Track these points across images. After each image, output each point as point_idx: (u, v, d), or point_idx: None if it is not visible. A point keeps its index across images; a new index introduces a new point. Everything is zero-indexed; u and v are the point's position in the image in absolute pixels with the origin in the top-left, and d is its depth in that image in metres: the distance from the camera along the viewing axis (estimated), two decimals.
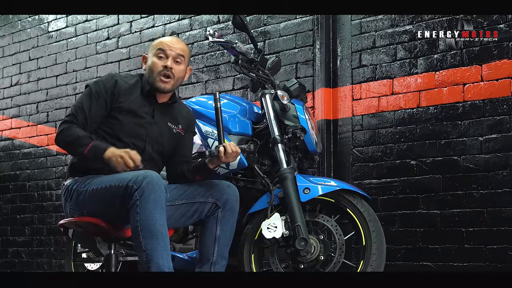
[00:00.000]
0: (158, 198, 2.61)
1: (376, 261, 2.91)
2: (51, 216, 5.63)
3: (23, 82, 6.06)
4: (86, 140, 2.76)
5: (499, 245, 3.50)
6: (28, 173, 5.90)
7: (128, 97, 2.90)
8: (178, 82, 2.96)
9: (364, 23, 4.07)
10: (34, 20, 6.01)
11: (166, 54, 2.90)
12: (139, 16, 5.22)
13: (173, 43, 2.92)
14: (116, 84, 2.90)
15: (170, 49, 2.90)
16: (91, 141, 2.75)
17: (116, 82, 2.90)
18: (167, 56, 2.90)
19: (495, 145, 3.56)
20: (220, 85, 4.68)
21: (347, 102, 4.09)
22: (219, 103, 2.82)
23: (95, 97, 2.86)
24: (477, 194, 3.59)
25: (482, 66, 3.62)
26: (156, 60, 2.90)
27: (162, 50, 2.90)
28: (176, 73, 2.91)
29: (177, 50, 2.91)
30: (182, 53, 2.92)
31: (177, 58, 2.91)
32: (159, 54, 2.90)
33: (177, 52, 2.91)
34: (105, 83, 2.90)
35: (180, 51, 2.91)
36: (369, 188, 3.93)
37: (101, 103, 2.86)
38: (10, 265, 5.89)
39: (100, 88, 2.87)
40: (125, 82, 2.94)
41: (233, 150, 2.80)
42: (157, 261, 2.59)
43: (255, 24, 4.52)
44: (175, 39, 2.99)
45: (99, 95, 2.86)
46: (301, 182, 3.00)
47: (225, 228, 2.92)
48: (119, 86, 2.90)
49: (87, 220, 2.80)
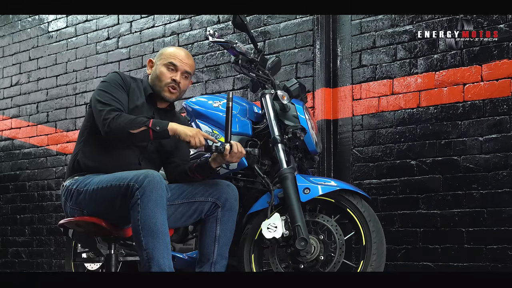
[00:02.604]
0: (159, 197, 2.62)
1: (376, 261, 2.91)
2: (51, 216, 5.63)
3: (23, 82, 6.06)
4: (144, 118, 2.81)
5: (499, 245, 3.51)
6: (28, 173, 5.90)
7: (132, 96, 2.96)
8: (181, 94, 3.07)
9: (364, 23, 4.07)
10: (34, 20, 6.01)
11: (176, 68, 3.00)
12: (139, 16, 5.23)
13: (184, 58, 3.02)
14: (125, 82, 2.97)
15: (181, 64, 3.00)
16: (149, 119, 2.80)
17: (125, 79, 2.98)
18: (176, 69, 3.00)
19: (495, 145, 3.56)
20: (220, 85, 4.68)
21: (347, 102, 4.09)
22: (231, 103, 2.84)
23: (118, 88, 2.92)
24: (477, 194, 3.59)
25: (482, 66, 3.62)
26: (165, 71, 2.99)
27: (173, 65, 2.99)
28: (182, 87, 3.03)
29: (186, 66, 3.02)
30: (190, 70, 3.04)
31: (185, 74, 3.02)
32: (169, 66, 3.00)
33: (185, 69, 3.01)
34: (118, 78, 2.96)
35: (188, 68, 3.03)
36: (369, 188, 3.93)
37: (124, 93, 2.94)
38: (10, 265, 5.89)
39: (118, 81, 2.94)
40: (131, 82, 3.01)
41: (239, 150, 2.83)
42: (158, 260, 2.60)
43: (255, 24, 4.52)
44: (186, 54, 3.06)
45: (120, 86, 2.94)
46: (301, 182, 3.00)
47: (225, 227, 2.93)
48: (128, 83, 2.98)
49: (87, 220, 2.80)
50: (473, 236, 3.59)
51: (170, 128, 2.77)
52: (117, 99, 2.87)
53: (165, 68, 2.99)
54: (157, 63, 3.03)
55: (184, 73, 3.01)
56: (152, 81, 3.03)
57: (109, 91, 2.89)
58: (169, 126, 2.77)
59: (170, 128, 2.77)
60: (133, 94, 2.97)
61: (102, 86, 2.92)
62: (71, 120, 5.60)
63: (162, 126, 2.77)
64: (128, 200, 2.64)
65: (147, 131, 2.75)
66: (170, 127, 2.77)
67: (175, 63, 2.99)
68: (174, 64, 2.99)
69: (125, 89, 2.94)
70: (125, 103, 2.91)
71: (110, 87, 2.91)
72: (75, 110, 5.59)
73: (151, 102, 3.03)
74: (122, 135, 2.78)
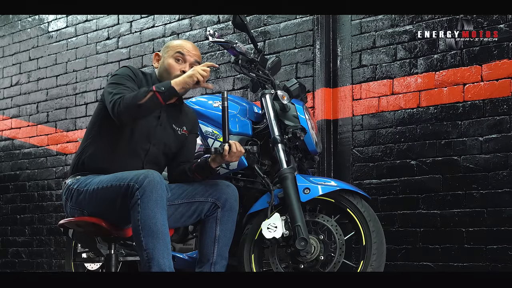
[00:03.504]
0: (159, 197, 2.62)
1: (376, 261, 2.91)
2: (51, 216, 5.63)
3: (23, 82, 6.06)
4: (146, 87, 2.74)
5: (499, 245, 3.51)
6: (28, 173, 5.90)
7: None
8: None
9: (364, 23, 4.07)
10: (34, 20, 6.01)
11: (184, 59, 2.94)
12: (139, 16, 5.23)
13: (191, 49, 2.96)
14: (137, 75, 2.91)
15: (189, 55, 2.95)
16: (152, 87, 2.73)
17: (136, 73, 2.92)
18: (185, 60, 2.94)
19: (495, 145, 3.56)
20: (220, 85, 4.68)
21: (347, 102, 4.09)
22: (226, 102, 2.83)
23: (129, 79, 2.86)
24: (477, 194, 3.59)
25: (482, 66, 3.62)
26: (174, 62, 2.94)
27: (181, 54, 2.93)
28: None
29: (195, 56, 2.96)
30: (198, 60, 2.98)
31: (193, 64, 2.95)
32: (177, 57, 2.94)
33: (194, 59, 2.96)
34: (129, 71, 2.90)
35: (197, 58, 2.98)
36: (369, 188, 3.93)
37: (134, 85, 2.87)
38: (10, 265, 5.89)
39: (129, 74, 2.89)
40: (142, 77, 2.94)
41: (238, 149, 2.82)
42: (158, 260, 2.59)
43: (255, 24, 4.52)
44: (193, 45, 3.01)
45: (131, 78, 2.88)
46: (301, 182, 3.00)
47: (224, 228, 2.93)
48: (139, 78, 2.92)
49: (87, 220, 2.80)
50: (473, 236, 3.59)
51: (174, 83, 2.72)
52: (128, 87, 2.81)
53: (173, 60, 2.94)
54: (164, 56, 2.98)
55: (193, 63, 2.94)
56: (160, 75, 2.97)
57: (120, 82, 2.84)
58: (172, 82, 2.72)
59: (173, 83, 2.72)
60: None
61: (113, 79, 2.87)
62: (71, 120, 5.60)
63: (166, 85, 2.72)
64: (128, 200, 2.64)
65: (154, 95, 2.69)
66: (173, 83, 2.72)
67: (183, 52, 2.93)
68: (182, 54, 2.93)
69: (136, 82, 2.89)
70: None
71: (120, 79, 2.85)
72: (75, 110, 5.59)
73: None
74: (132, 110, 2.71)
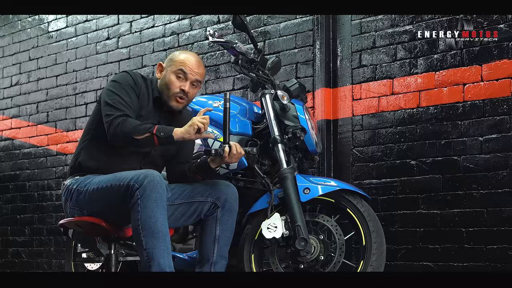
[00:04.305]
0: (159, 197, 2.62)
1: (376, 261, 2.91)
2: (51, 216, 5.62)
3: (23, 82, 6.06)
4: (149, 124, 2.76)
5: (499, 245, 3.50)
6: (28, 173, 5.89)
7: (142, 102, 2.92)
8: (189, 102, 3.02)
9: (364, 23, 4.07)
10: (34, 20, 6.01)
11: (186, 77, 2.92)
12: (139, 16, 5.22)
13: (194, 67, 2.93)
14: (137, 84, 2.91)
15: (191, 73, 2.92)
16: (154, 125, 2.76)
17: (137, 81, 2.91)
18: (186, 78, 2.92)
19: (495, 145, 3.55)
20: (220, 85, 4.68)
21: (347, 102, 4.09)
22: (228, 104, 2.82)
23: (130, 90, 2.86)
24: (477, 194, 3.59)
25: (482, 66, 3.62)
26: (175, 79, 2.92)
27: (183, 72, 2.91)
28: (190, 96, 2.96)
29: (197, 75, 2.94)
30: (200, 79, 2.96)
31: (194, 82, 2.94)
32: (178, 74, 2.92)
33: (196, 78, 2.94)
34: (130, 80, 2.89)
35: (199, 77, 2.95)
36: (369, 188, 3.93)
37: (134, 96, 2.87)
38: (10, 265, 5.88)
39: (130, 83, 2.88)
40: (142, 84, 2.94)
41: (238, 151, 2.82)
42: (158, 260, 2.60)
43: (255, 24, 4.52)
44: (197, 61, 2.97)
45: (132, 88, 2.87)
46: (301, 182, 3.01)
47: (224, 228, 2.93)
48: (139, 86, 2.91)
49: (87, 220, 2.80)
50: (473, 236, 3.59)
51: (175, 134, 2.74)
52: (127, 103, 2.81)
53: (175, 76, 2.91)
54: (167, 69, 2.95)
55: (193, 82, 2.94)
56: (160, 87, 2.96)
57: (120, 93, 2.83)
58: (174, 132, 2.74)
59: (174, 133, 2.74)
60: (143, 98, 2.92)
61: (113, 87, 2.86)
62: (71, 120, 5.60)
63: (166, 132, 2.73)
64: (128, 200, 2.64)
65: (152, 137, 2.73)
66: (174, 133, 2.73)
67: (186, 71, 2.91)
68: (184, 73, 2.91)
69: (136, 92, 2.88)
70: (135, 107, 2.85)
71: (121, 89, 2.84)
72: (75, 110, 5.58)
73: (158, 105, 2.97)
74: (127, 139, 2.75)
